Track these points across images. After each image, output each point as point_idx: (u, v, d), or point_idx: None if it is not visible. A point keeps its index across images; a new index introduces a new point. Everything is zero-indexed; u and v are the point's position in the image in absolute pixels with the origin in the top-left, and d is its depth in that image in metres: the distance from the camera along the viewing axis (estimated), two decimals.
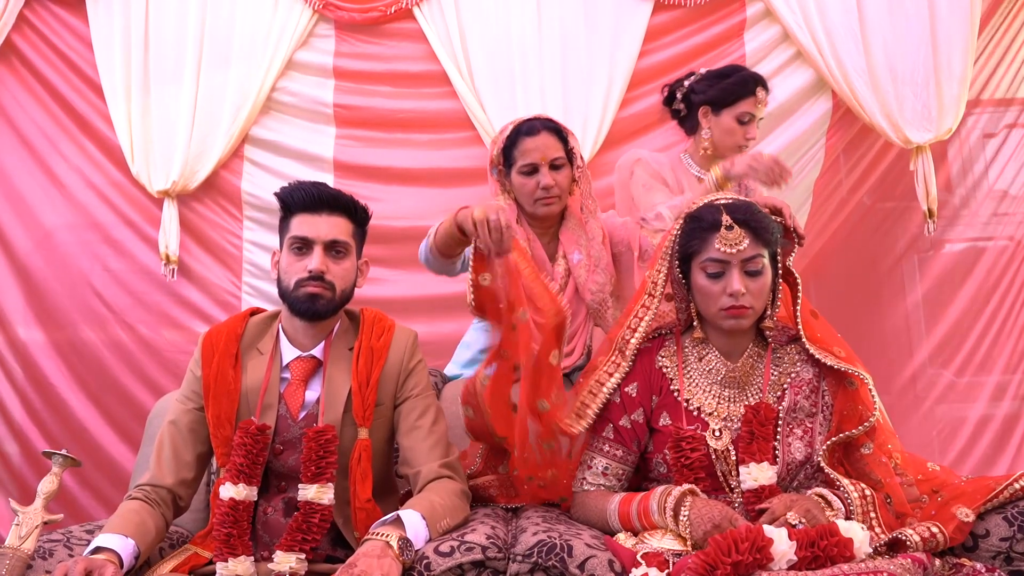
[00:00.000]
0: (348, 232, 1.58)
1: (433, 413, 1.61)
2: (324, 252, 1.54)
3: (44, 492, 1.46)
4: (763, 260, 1.49)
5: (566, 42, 2.71)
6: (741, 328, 1.53)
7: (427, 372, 1.66)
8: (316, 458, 1.48)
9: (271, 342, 1.59)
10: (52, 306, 2.73)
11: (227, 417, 1.54)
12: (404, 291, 2.71)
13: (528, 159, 1.93)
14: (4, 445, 2.71)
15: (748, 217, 1.50)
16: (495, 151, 2.01)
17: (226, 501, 1.48)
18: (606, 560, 1.34)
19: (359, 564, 1.27)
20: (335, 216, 1.56)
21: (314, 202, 1.55)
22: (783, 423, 1.52)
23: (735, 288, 1.47)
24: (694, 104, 2.24)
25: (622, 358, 1.58)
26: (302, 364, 1.58)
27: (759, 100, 2.20)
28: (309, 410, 1.55)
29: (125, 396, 2.69)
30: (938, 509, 1.42)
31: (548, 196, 1.93)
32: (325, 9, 2.74)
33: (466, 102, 2.71)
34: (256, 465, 1.50)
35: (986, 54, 2.77)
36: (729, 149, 2.20)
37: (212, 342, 1.59)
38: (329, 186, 1.60)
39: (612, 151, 2.71)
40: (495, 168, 2.02)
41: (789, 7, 2.66)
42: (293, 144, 2.76)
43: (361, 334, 1.60)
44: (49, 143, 2.77)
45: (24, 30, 2.78)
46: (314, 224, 1.54)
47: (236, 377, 1.56)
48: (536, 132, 1.94)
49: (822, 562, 1.24)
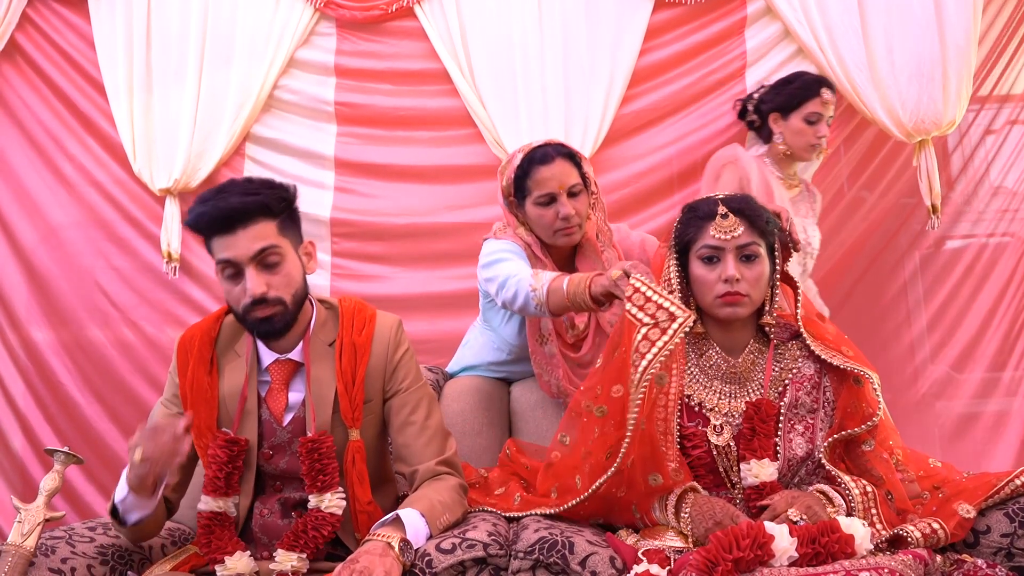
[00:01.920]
0: (273, 232, 1.43)
1: (426, 406, 1.56)
2: (256, 270, 1.40)
3: (46, 489, 1.45)
4: (759, 248, 1.50)
5: (567, 39, 2.71)
6: (737, 317, 1.52)
7: (415, 360, 1.60)
8: (317, 469, 1.44)
9: (247, 344, 1.52)
10: (58, 303, 2.73)
11: (207, 426, 1.49)
12: (405, 288, 2.70)
13: (545, 189, 1.83)
14: (11, 441, 2.72)
15: (743, 206, 1.52)
16: (505, 181, 1.90)
17: (205, 513, 1.46)
18: (607, 557, 1.34)
19: (361, 560, 1.27)
20: (252, 225, 1.40)
21: (222, 223, 1.40)
22: (784, 419, 1.52)
23: (729, 273, 1.48)
24: (764, 113, 2.45)
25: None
26: (281, 368, 1.51)
27: (825, 100, 2.37)
28: (295, 412, 1.50)
29: (130, 393, 2.69)
30: (939, 505, 1.42)
31: (569, 226, 1.83)
32: (326, 7, 2.74)
33: (467, 100, 2.71)
34: (232, 476, 1.46)
35: (987, 49, 2.76)
36: (804, 148, 2.39)
37: (186, 348, 1.53)
38: (234, 191, 1.43)
39: (613, 148, 2.71)
40: (506, 199, 1.92)
41: (790, 4, 2.65)
42: (294, 142, 2.76)
43: (341, 329, 1.52)
44: (53, 140, 2.78)
45: (27, 29, 2.78)
46: (233, 244, 1.40)
47: (213, 384, 1.50)
48: (550, 160, 1.83)
49: (823, 558, 1.23)
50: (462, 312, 2.48)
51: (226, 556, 1.43)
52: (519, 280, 1.75)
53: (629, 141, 2.72)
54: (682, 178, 2.74)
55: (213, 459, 1.46)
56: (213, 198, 1.42)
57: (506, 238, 1.91)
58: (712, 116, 2.71)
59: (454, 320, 2.55)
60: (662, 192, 2.71)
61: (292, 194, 1.48)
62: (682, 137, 2.71)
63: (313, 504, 1.45)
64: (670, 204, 2.68)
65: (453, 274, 2.66)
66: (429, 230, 2.70)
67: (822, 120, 2.37)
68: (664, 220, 2.64)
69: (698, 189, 2.61)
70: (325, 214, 2.69)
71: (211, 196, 1.43)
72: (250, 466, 1.50)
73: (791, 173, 2.46)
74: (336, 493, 1.45)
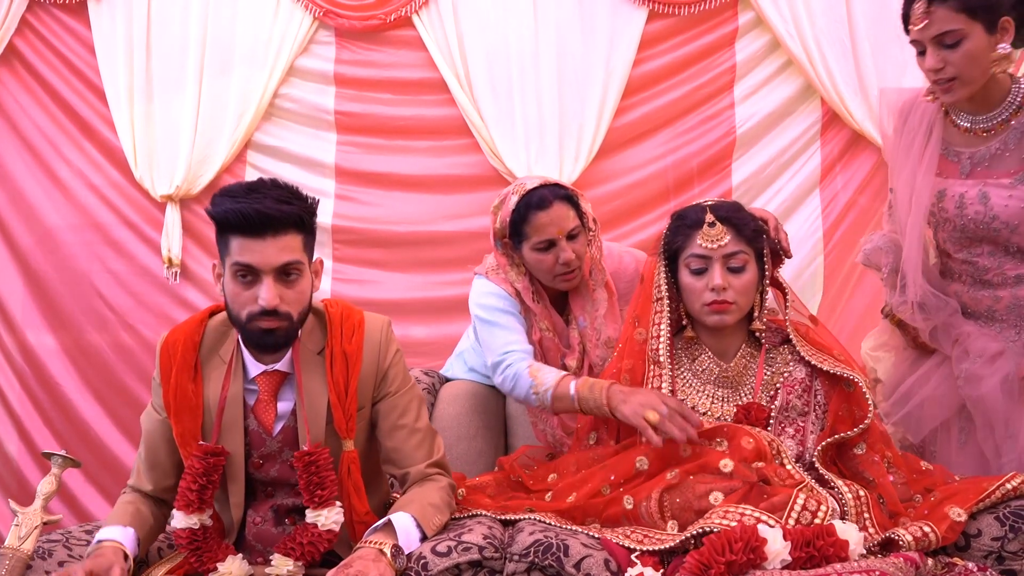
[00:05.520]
0: (299, 248, 1.38)
1: (415, 408, 1.53)
2: (275, 281, 1.35)
3: (43, 493, 1.46)
4: (746, 257, 1.53)
5: (562, 50, 2.74)
6: (724, 324, 1.54)
7: (403, 361, 1.56)
8: (315, 484, 1.41)
9: (232, 347, 1.46)
10: (57, 308, 2.74)
11: (192, 435, 1.44)
12: (403, 294, 2.74)
13: (543, 236, 1.74)
14: (7, 445, 2.72)
15: (730, 215, 1.54)
16: (499, 224, 1.81)
17: (183, 532, 1.41)
18: (602, 559, 1.35)
19: (355, 565, 1.27)
20: (283, 236, 1.35)
21: (254, 226, 1.33)
22: (775, 422, 1.54)
23: (716, 283, 1.50)
24: None
25: (659, 367, 1.58)
26: (269, 379, 1.46)
27: (915, 17, 1.60)
28: (285, 422, 1.46)
29: (128, 396, 2.70)
30: (931, 509, 1.43)
31: (569, 271, 1.77)
32: (326, 16, 2.77)
33: (464, 110, 2.74)
34: (205, 490, 1.41)
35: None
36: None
37: (169, 353, 1.46)
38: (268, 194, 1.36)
39: (607, 159, 2.74)
40: (500, 240, 1.84)
41: (780, 15, 2.69)
42: (295, 150, 2.79)
43: (331, 337, 1.46)
44: (52, 146, 2.79)
45: (26, 34, 2.79)
46: (260, 250, 1.34)
47: (197, 391, 1.44)
48: (548, 204, 1.73)
49: (817, 561, 1.25)
50: (459, 317, 2.51)
51: (219, 563, 1.42)
52: (516, 373, 1.72)
53: (623, 152, 2.75)
54: (676, 188, 2.77)
55: (190, 470, 1.42)
56: (246, 196, 1.34)
57: (497, 282, 1.85)
58: (705, 128, 2.75)
59: (451, 325, 2.59)
60: (656, 202, 2.75)
61: (316, 209, 1.44)
62: (676, 149, 2.75)
63: (311, 520, 1.42)
64: (664, 214, 2.68)
65: (450, 279, 2.69)
66: (427, 238, 2.74)
67: (927, 48, 1.60)
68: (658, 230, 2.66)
69: (692, 197, 2.65)
70: (327, 221, 2.74)
71: (242, 194, 1.35)
72: (236, 478, 1.46)
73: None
74: (334, 510, 1.42)
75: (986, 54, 1.57)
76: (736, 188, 2.73)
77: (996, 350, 1.66)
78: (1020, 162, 1.62)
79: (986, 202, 1.64)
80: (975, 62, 1.57)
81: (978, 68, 1.58)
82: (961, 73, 1.57)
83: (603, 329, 1.84)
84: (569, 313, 1.89)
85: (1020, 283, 1.65)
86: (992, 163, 1.64)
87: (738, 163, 2.75)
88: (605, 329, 1.84)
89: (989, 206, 1.63)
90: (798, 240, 2.70)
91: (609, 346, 1.82)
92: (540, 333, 1.84)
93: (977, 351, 1.67)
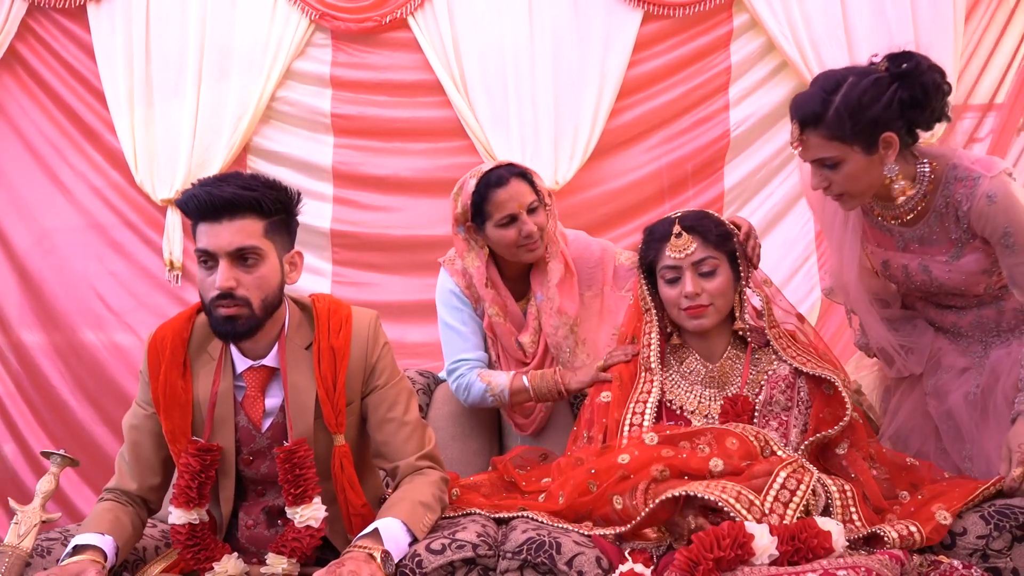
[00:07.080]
0: (258, 233, 1.39)
1: (404, 401, 1.53)
2: (231, 265, 1.37)
3: (42, 491, 1.47)
4: (715, 262, 1.60)
5: (557, 51, 2.76)
6: (704, 327, 1.61)
7: (392, 355, 1.56)
8: (291, 480, 1.41)
9: (220, 343, 1.47)
10: (53, 308, 2.76)
11: (182, 431, 1.45)
12: (400, 296, 2.76)
13: (505, 211, 1.83)
14: (2, 446, 2.73)
15: (695, 223, 1.61)
16: (460, 208, 1.88)
17: (181, 528, 1.42)
18: (594, 557, 1.37)
19: (347, 564, 1.28)
20: (239, 220, 1.37)
21: (211, 209, 1.36)
22: (759, 415, 1.58)
23: (688, 290, 1.59)
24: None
25: (651, 373, 1.65)
26: (256, 375, 1.47)
27: (791, 140, 1.63)
28: (274, 418, 1.47)
29: (124, 396, 2.71)
30: (917, 507, 1.45)
31: (532, 242, 1.86)
32: (322, 19, 2.79)
33: (459, 111, 2.76)
34: (204, 486, 1.43)
35: (965, 59, 2.81)
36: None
37: (157, 348, 1.47)
38: (233, 182, 1.40)
39: (601, 161, 2.76)
40: (461, 225, 1.91)
41: (775, 17, 2.71)
42: (293, 153, 2.81)
43: (318, 332, 1.47)
44: (52, 148, 2.81)
45: (27, 38, 2.81)
46: (215, 234, 1.36)
47: (186, 388, 1.45)
48: (506, 182, 1.83)
49: (803, 554, 1.26)
50: None
51: (214, 562, 1.43)
52: (469, 382, 1.90)
53: (618, 153, 2.78)
54: (671, 190, 2.79)
55: (186, 468, 1.42)
56: (211, 184, 1.39)
57: (451, 273, 1.96)
58: (700, 129, 2.77)
59: None
60: (651, 203, 2.77)
61: (291, 198, 1.45)
62: (671, 151, 2.77)
63: (289, 516, 1.43)
64: (659, 215, 2.71)
65: None
66: (425, 241, 2.75)
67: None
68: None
69: (687, 199, 2.67)
70: (326, 225, 2.76)
71: (209, 182, 1.40)
72: (228, 473, 1.47)
73: None
74: (310, 507, 1.42)
75: (870, 170, 1.52)
76: (730, 190, 2.76)
77: (964, 365, 1.69)
78: (950, 242, 1.60)
79: (929, 274, 1.63)
80: (858, 180, 1.52)
81: (865, 182, 1.53)
82: (847, 190, 1.54)
83: (556, 298, 1.91)
84: (530, 290, 1.96)
85: (983, 304, 1.68)
86: (923, 243, 1.62)
87: (732, 165, 2.77)
88: (557, 298, 1.91)
89: (933, 277, 1.63)
90: (791, 241, 2.72)
91: (562, 315, 1.90)
92: (490, 319, 1.93)
93: (947, 365, 1.70)
